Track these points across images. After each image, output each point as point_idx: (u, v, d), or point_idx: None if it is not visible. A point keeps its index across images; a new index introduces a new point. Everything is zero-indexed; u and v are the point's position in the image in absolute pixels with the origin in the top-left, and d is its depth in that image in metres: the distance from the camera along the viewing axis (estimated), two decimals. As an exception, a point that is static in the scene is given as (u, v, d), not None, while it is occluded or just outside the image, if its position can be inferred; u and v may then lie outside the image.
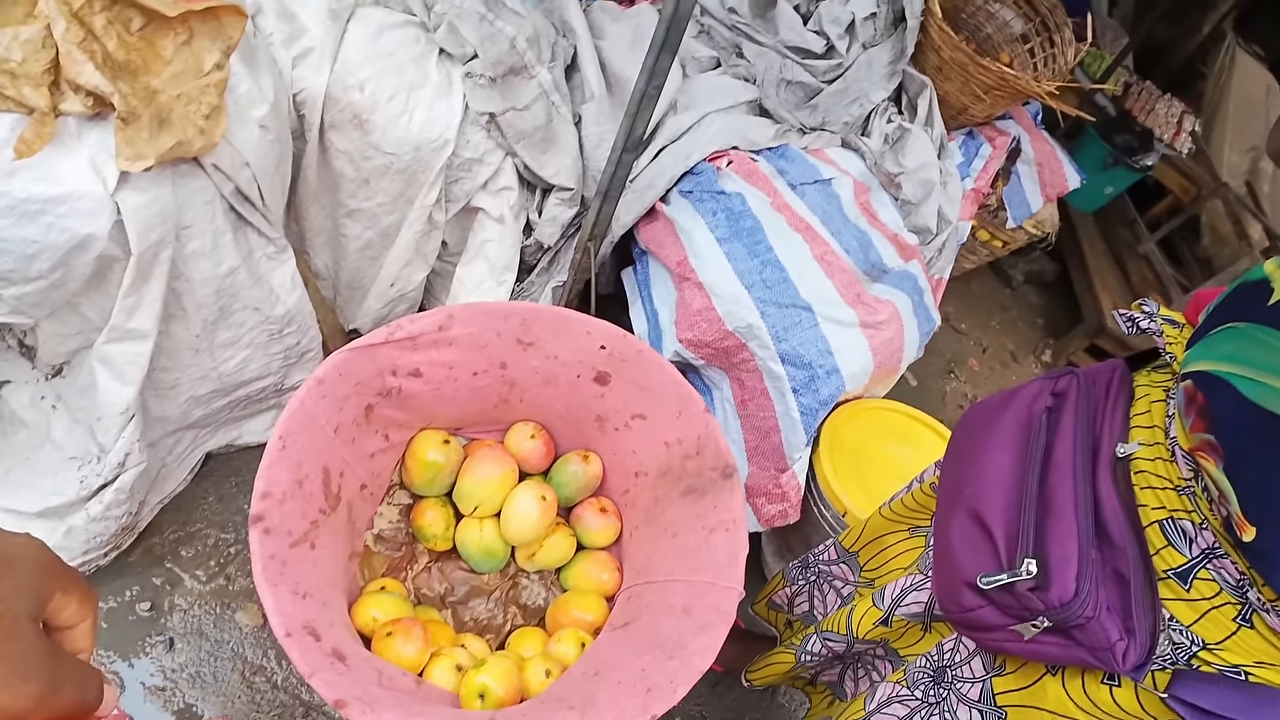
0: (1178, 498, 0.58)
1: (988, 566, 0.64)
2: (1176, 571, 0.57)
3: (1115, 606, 0.57)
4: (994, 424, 0.72)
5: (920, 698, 0.76)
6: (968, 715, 0.70)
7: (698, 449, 1.06)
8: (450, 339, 1.06)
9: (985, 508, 0.66)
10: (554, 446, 1.23)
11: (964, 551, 0.66)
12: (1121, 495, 0.60)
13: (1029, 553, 0.61)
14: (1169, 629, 0.57)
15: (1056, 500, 0.62)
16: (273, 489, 0.91)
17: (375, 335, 1.02)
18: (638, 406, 1.13)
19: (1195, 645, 0.56)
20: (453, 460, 1.18)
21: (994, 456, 0.69)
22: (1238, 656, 0.54)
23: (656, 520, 1.12)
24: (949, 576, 0.68)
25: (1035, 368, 2.25)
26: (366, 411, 1.05)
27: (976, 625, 0.65)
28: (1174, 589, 0.57)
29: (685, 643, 0.91)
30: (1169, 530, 0.58)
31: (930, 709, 0.74)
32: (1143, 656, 0.56)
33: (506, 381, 1.14)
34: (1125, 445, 0.62)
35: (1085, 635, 0.58)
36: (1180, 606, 0.57)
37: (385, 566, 1.19)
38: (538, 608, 1.21)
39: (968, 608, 0.65)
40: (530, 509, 1.14)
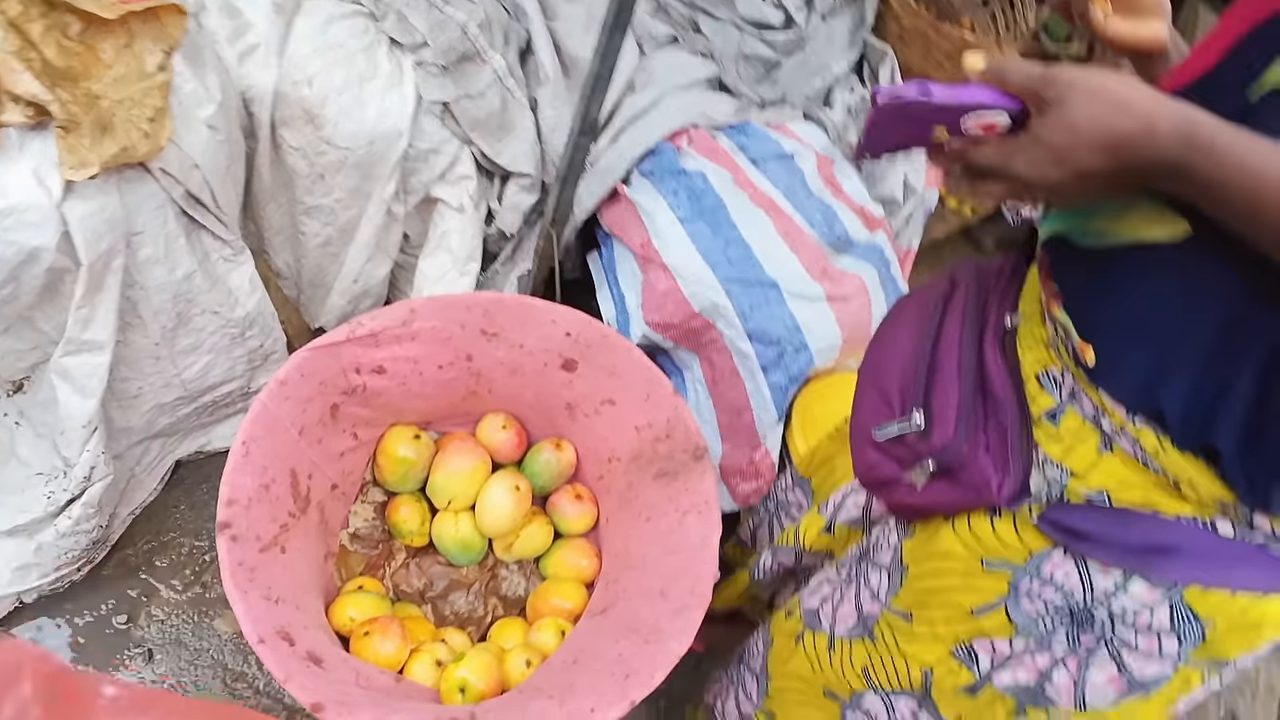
0: (1047, 352, 0.66)
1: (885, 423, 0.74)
2: (1048, 413, 0.64)
3: (994, 448, 0.66)
4: (899, 313, 0.83)
5: (843, 576, 0.83)
6: (878, 577, 0.78)
7: (668, 432, 1.06)
8: (413, 333, 1.05)
9: (886, 379, 0.76)
10: (526, 436, 1.23)
11: (867, 416, 0.76)
12: (1007, 359, 0.69)
13: (917, 405, 0.70)
14: (1043, 466, 0.64)
15: (943, 364, 0.71)
16: (238, 495, 0.90)
17: (336, 333, 1.01)
18: (606, 392, 1.13)
19: (1065, 476, 0.63)
20: (424, 455, 1.17)
21: (896, 335, 0.79)
22: (1101, 481, 0.61)
23: (631, 505, 1.12)
24: (857, 441, 0.77)
25: (1009, 331, 2.26)
26: (332, 411, 1.04)
27: (879, 481, 0.75)
28: (1047, 430, 0.64)
29: (662, 626, 0.91)
30: (1043, 380, 0.66)
31: (849, 582, 0.82)
32: (1016, 489, 0.64)
33: (473, 373, 1.13)
34: (1012, 317, 0.70)
35: (966, 475, 0.66)
36: (1052, 445, 0.64)
37: (363, 565, 1.18)
38: (518, 598, 1.21)
39: (870, 464, 0.75)
40: (504, 500, 1.14)
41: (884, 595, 0.77)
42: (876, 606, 0.78)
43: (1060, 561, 0.63)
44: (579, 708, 0.85)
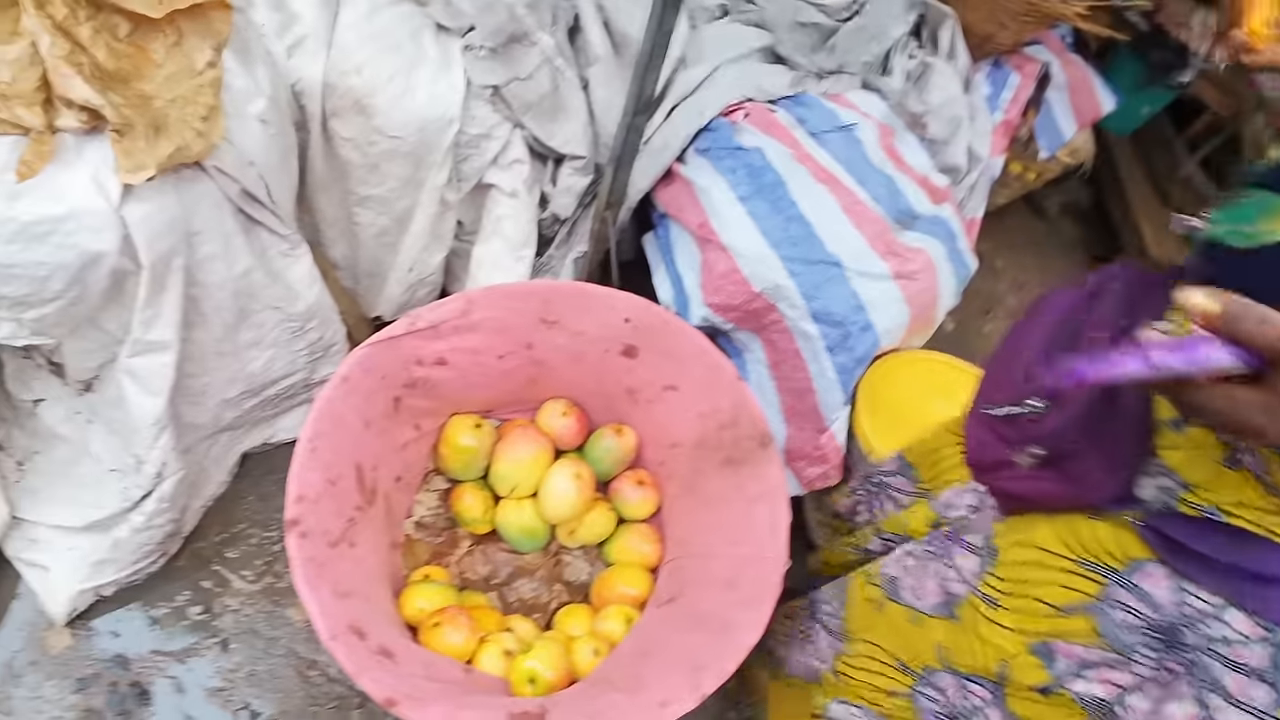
0: None
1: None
2: (1173, 421, 0.61)
3: (1107, 447, 0.64)
4: (1041, 306, 0.81)
5: (930, 551, 0.82)
6: (964, 557, 0.76)
7: (733, 419, 1.04)
8: (472, 324, 1.04)
9: (1014, 365, 0.75)
10: (587, 422, 1.21)
11: (987, 398, 0.77)
12: None
13: (1041, 392, 0.67)
14: (1156, 474, 0.62)
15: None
16: (306, 491, 0.90)
17: (396, 327, 1.00)
18: (668, 378, 1.10)
19: (1179, 487, 0.60)
20: (486, 444, 1.17)
21: (1033, 327, 0.77)
22: (1216, 496, 0.57)
23: (696, 492, 1.10)
24: (973, 423, 0.78)
25: (1076, 300, 2.18)
26: (395, 404, 1.04)
27: (987, 464, 0.74)
28: (1169, 438, 0.61)
29: (731, 619, 0.90)
30: None
31: (933, 557, 0.81)
32: (1123, 491, 0.62)
33: (534, 362, 1.12)
34: (1158, 324, 0.66)
35: (1073, 468, 0.65)
36: (1171, 454, 0.61)
37: (428, 554, 1.19)
38: (582, 584, 1.20)
39: (981, 442, 0.75)
40: (566, 487, 1.13)
41: (971, 578, 0.75)
42: (962, 588, 0.76)
43: (1157, 575, 0.60)
44: (650, 700, 0.84)
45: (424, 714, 0.79)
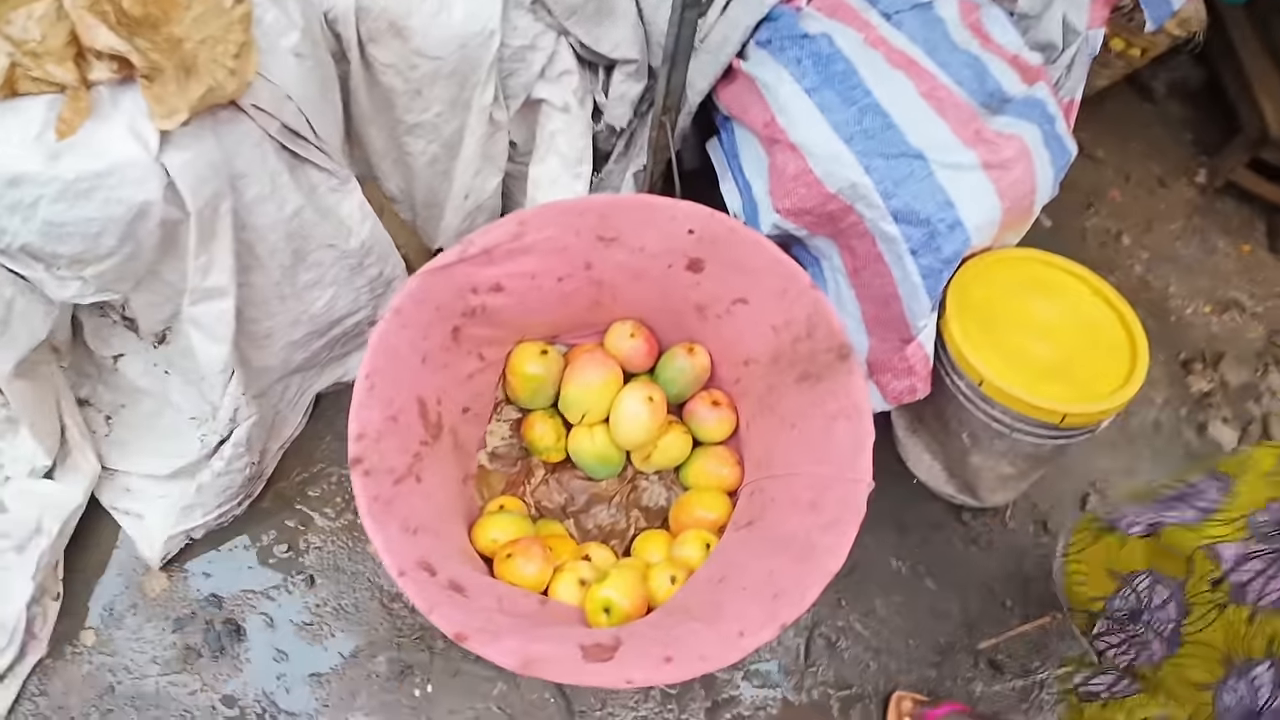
0: None
1: None
2: None
3: None
4: None
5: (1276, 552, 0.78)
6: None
7: (808, 331, 0.96)
8: (526, 247, 0.99)
9: None
10: (656, 342, 1.16)
11: None
12: None
13: None
14: None
15: None
16: (367, 429, 0.88)
17: (448, 255, 0.96)
18: (738, 290, 1.03)
19: None
20: (553, 370, 1.13)
21: None
22: None
23: (773, 410, 1.04)
24: None
25: (1188, 191, 1.98)
26: (454, 334, 1.00)
27: None
28: None
29: (813, 541, 0.84)
30: None
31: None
32: None
33: (594, 282, 1.07)
34: None
35: None
36: None
37: (503, 484, 1.17)
38: (660, 509, 1.17)
39: None
40: (638, 411, 1.08)
41: None
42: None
43: None
44: (728, 630, 0.80)
45: (495, 648, 0.77)
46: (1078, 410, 1.07)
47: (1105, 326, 1.16)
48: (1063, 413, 1.07)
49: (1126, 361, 1.12)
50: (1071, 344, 1.13)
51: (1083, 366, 1.11)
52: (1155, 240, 1.85)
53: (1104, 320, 1.17)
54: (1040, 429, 1.10)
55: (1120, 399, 1.07)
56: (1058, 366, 1.11)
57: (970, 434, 1.21)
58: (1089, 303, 1.18)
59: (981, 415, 1.15)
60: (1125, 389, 1.08)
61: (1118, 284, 1.20)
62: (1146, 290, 1.75)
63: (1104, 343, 1.14)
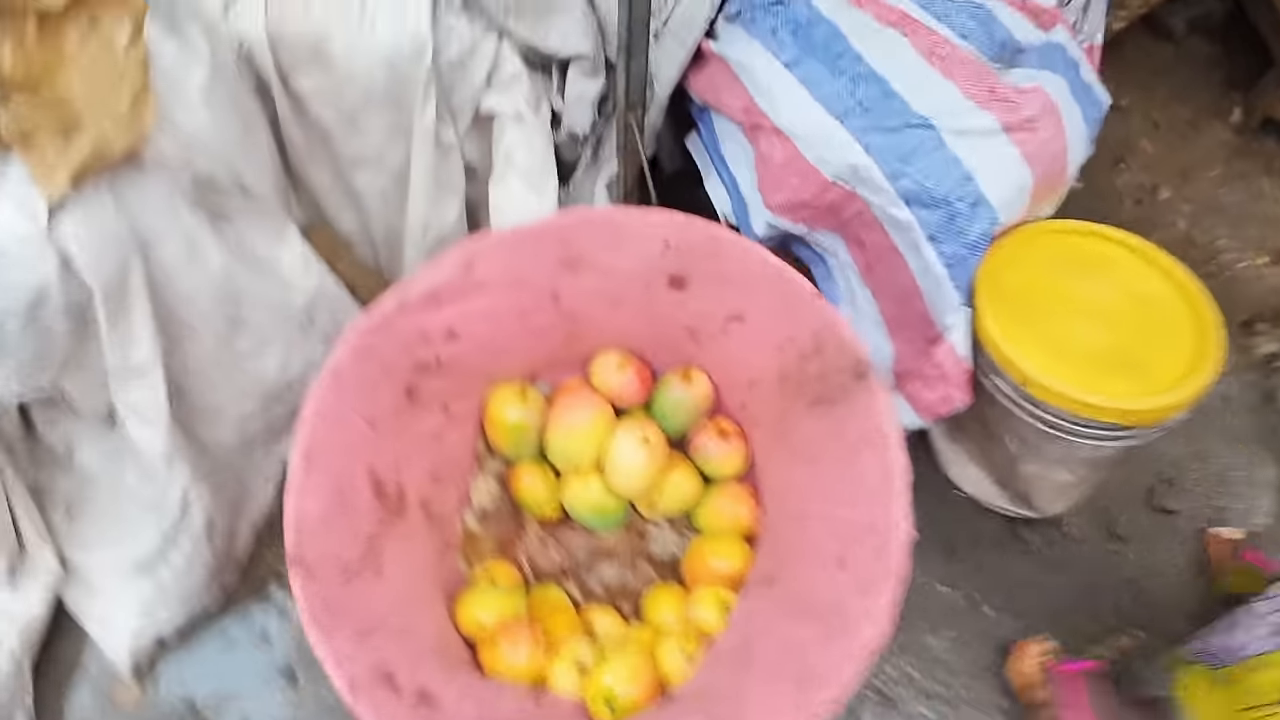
0: None
1: None
2: None
3: None
4: None
5: None
6: None
7: (815, 347, 0.82)
8: (478, 284, 0.86)
9: None
10: (649, 372, 1.02)
11: None
12: None
13: None
14: None
15: None
16: (306, 519, 0.75)
17: (384, 304, 0.83)
18: (730, 306, 0.89)
19: None
20: (536, 414, 1.00)
21: None
22: None
23: (786, 440, 0.89)
24: None
25: (1224, 133, 1.79)
26: (408, 394, 0.87)
27: None
28: None
29: (846, 607, 0.70)
30: None
31: None
32: None
33: (566, 315, 0.93)
34: None
35: None
36: None
37: (494, 545, 1.04)
38: (672, 558, 1.03)
39: None
40: (634, 454, 0.94)
41: None
42: None
43: None
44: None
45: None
46: (1143, 406, 0.91)
47: (1163, 302, 1.00)
48: (1125, 410, 0.91)
49: (1193, 340, 0.96)
50: (1127, 327, 0.97)
51: (1144, 352, 0.95)
52: (1196, 191, 1.67)
53: (1161, 295, 1.00)
54: (1100, 430, 0.94)
55: (1194, 387, 0.91)
56: (1114, 356, 0.94)
57: (1018, 440, 1.05)
58: (1142, 276, 1.02)
59: (1029, 419, 0.99)
60: (1198, 374, 0.92)
61: (1161, 244, 1.03)
62: (1193, 247, 1.57)
63: (1164, 321, 0.98)
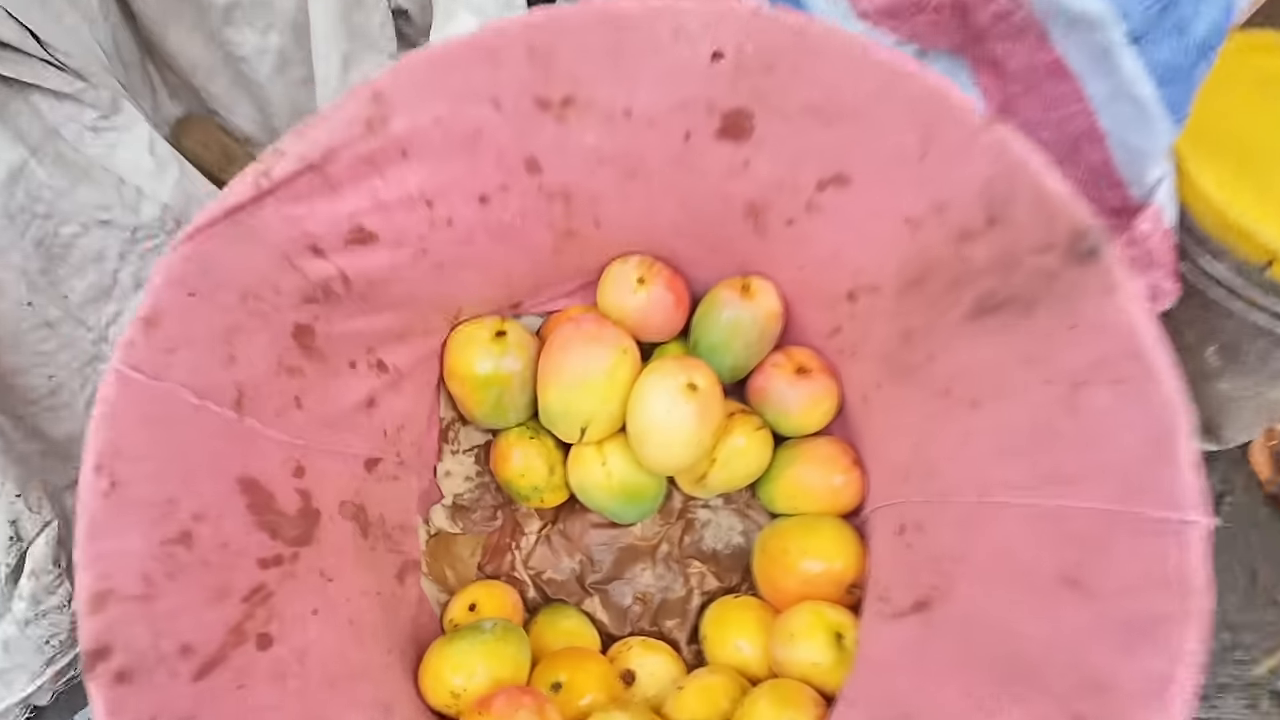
0: None
1: None
2: None
3: None
4: None
5: None
6: None
7: (988, 214, 0.47)
8: (398, 144, 0.50)
9: None
10: (684, 286, 0.69)
11: None
12: None
13: None
14: None
15: None
16: (117, 578, 0.42)
17: (239, 188, 0.47)
18: (827, 158, 0.53)
19: None
20: (523, 360, 0.67)
21: None
22: None
23: (917, 374, 0.55)
24: None
25: None
26: (299, 343, 0.53)
27: None
28: None
29: (1091, 667, 0.36)
30: None
31: None
32: None
33: (552, 196, 0.58)
34: None
35: None
36: None
37: (478, 553, 0.72)
38: (736, 551, 0.71)
39: None
40: (675, 412, 0.60)
41: None
42: None
43: None
44: None
45: None
46: None
47: None
48: None
49: None
50: None
51: None
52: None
53: None
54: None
55: None
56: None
57: (1224, 347, 0.72)
58: None
59: (1257, 315, 0.65)
60: None
61: None
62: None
63: None
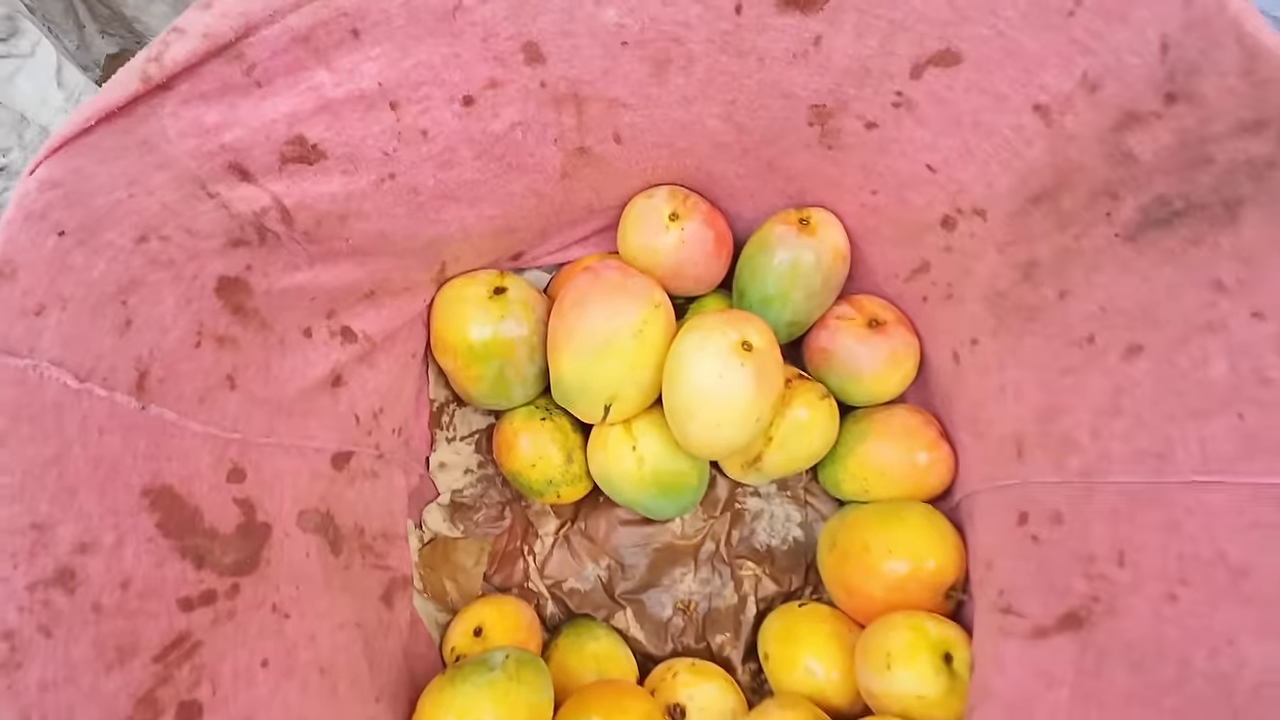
0: None
1: None
2: None
3: None
4: None
5: None
6: None
7: (1169, 82, 0.33)
8: (346, 15, 0.35)
9: None
10: (726, 224, 0.56)
11: None
12: None
13: None
14: None
15: None
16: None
17: (122, 81, 0.33)
18: (931, 27, 0.39)
19: None
20: (525, 325, 0.54)
21: None
22: None
23: (1041, 317, 0.42)
24: None
25: None
26: (228, 298, 0.39)
27: None
28: None
29: None
30: None
31: None
32: None
33: (555, 95, 0.43)
34: None
35: None
36: None
37: (483, 561, 0.60)
38: (795, 545, 0.59)
39: None
40: (727, 382, 0.47)
41: None
42: None
43: None
44: None
45: None
46: None
47: None
48: None
49: None
50: None
51: None
52: None
53: None
54: None
55: None
56: None
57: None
58: None
59: None
60: None
61: None
62: None
63: None
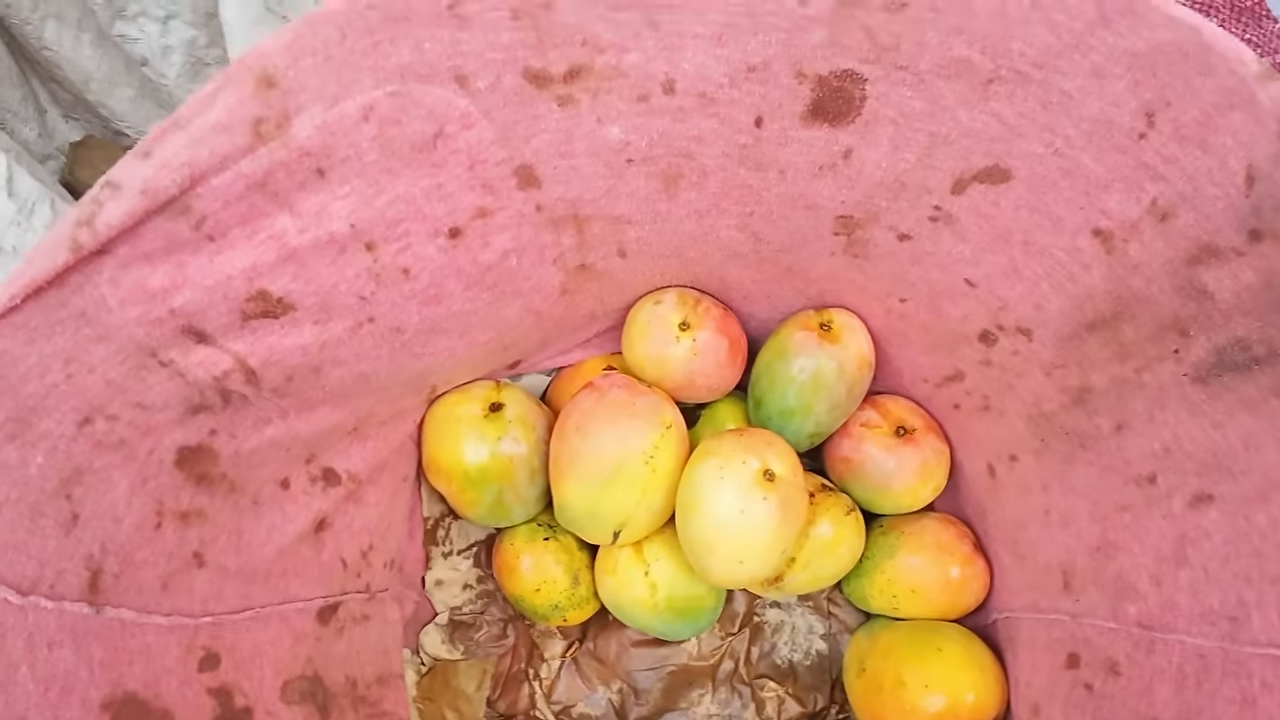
0: None
1: None
2: None
3: None
4: None
5: None
6: None
7: (1255, 217, 0.28)
8: (309, 154, 0.29)
9: None
10: (739, 327, 0.51)
11: None
12: None
13: None
14: None
15: None
16: None
17: (46, 250, 0.28)
18: (978, 142, 0.33)
19: None
20: (525, 445, 0.49)
21: None
22: None
23: (1095, 448, 0.38)
24: None
25: None
26: (190, 470, 0.34)
27: None
28: None
29: None
30: None
31: None
32: None
33: (552, 219, 0.39)
34: None
35: None
36: None
37: (486, 681, 0.55)
38: (818, 660, 0.55)
39: None
40: (750, 516, 0.42)
41: None
42: None
43: None
44: None
45: None
46: None
47: None
48: None
49: None
50: None
51: None
52: None
53: None
54: None
55: None
56: None
57: None
58: None
59: None
60: None
61: None
62: None
63: None
